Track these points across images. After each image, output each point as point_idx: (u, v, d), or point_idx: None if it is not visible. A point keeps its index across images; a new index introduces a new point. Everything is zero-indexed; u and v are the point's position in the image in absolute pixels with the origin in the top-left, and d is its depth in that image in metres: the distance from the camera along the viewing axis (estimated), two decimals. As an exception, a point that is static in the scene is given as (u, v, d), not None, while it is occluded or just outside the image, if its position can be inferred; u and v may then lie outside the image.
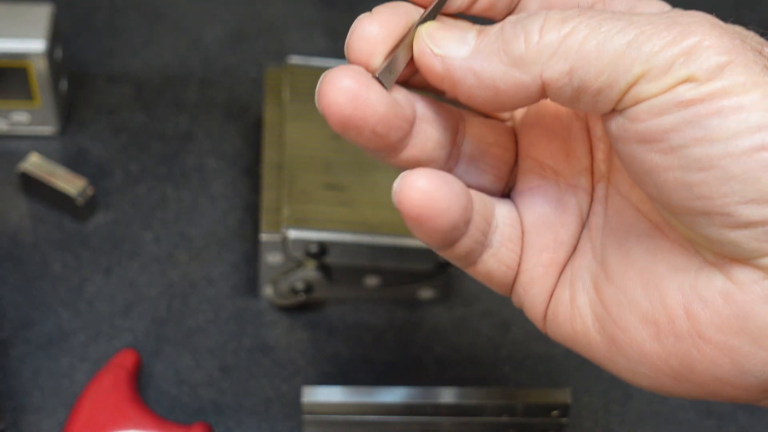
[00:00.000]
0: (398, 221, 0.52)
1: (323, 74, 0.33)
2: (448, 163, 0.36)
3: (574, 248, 0.36)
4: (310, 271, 0.54)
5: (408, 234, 0.52)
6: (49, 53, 0.58)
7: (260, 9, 0.71)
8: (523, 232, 0.36)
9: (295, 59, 0.60)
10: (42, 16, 0.58)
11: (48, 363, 0.53)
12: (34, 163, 0.58)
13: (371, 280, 0.55)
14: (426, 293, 0.56)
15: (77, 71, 0.65)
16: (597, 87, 0.30)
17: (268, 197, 0.54)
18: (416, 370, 0.54)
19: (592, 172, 0.36)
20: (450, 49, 0.32)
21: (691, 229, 0.31)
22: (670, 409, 0.53)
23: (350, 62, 0.33)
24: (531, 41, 0.31)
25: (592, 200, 0.36)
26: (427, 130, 0.34)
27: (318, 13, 0.71)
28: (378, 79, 0.32)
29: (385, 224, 0.52)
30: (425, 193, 0.33)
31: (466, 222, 0.34)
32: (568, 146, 0.36)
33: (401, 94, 0.33)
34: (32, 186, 0.58)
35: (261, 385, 0.53)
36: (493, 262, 0.36)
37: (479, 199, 0.35)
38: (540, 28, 0.31)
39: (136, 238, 0.58)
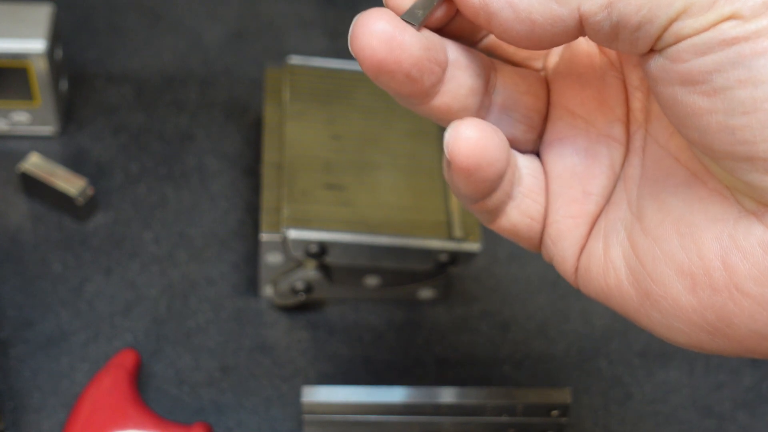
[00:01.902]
0: (398, 221, 0.52)
1: (356, 17, 0.31)
2: (480, 111, 0.35)
3: (606, 200, 0.35)
4: (310, 271, 0.54)
5: (408, 234, 0.52)
6: (49, 53, 0.58)
7: (260, 9, 0.71)
8: (547, 183, 0.36)
9: (295, 59, 0.60)
10: (42, 16, 0.58)
11: (48, 363, 0.53)
12: (34, 163, 0.58)
13: (371, 280, 0.55)
14: (426, 293, 0.56)
15: (77, 71, 0.65)
16: (636, 22, 0.29)
17: (268, 197, 0.54)
18: (416, 370, 0.54)
19: (628, 122, 0.35)
20: None
21: (732, 175, 0.30)
22: (670, 409, 0.53)
23: (388, 3, 0.32)
24: None
25: (627, 151, 0.35)
26: (460, 77, 0.34)
27: (318, 13, 0.71)
28: (407, 21, 0.32)
29: (385, 224, 0.52)
30: (478, 142, 0.32)
31: (505, 172, 0.34)
32: (601, 95, 0.35)
33: (433, 38, 0.33)
34: (32, 186, 0.58)
35: (261, 385, 0.53)
36: (517, 215, 0.36)
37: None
38: None
39: (136, 238, 0.58)
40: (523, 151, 0.37)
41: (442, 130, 0.57)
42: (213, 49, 0.68)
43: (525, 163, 0.36)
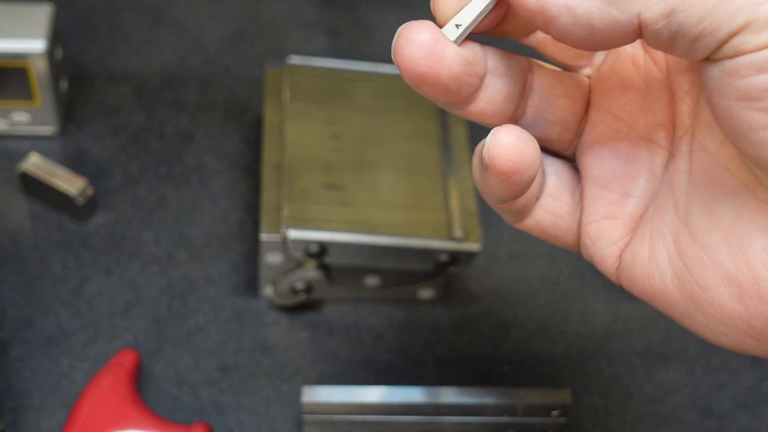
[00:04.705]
0: (398, 221, 0.52)
1: (400, 28, 0.32)
2: (516, 114, 0.36)
3: (647, 203, 0.36)
4: (310, 271, 0.54)
5: (408, 234, 0.52)
6: (49, 53, 0.58)
7: (260, 9, 0.71)
8: (584, 184, 0.37)
9: (295, 59, 0.60)
10: (42, 16, 0.58)
11: (48, 363, 0.53)
12: (34, 163, 0.58)
13: (371, 280, 0.55)
14: (426, 293, 0.56)
15: (77, 71, 0.65)
16: (696, 33, 0.29)
17: (268, 197, 0.54)
18: (416, 370, 0.54)
19: (672, 127, 0.35)
20: None
21: None
22: (670, 409, 0.53)
23: (436, 11, 0.33)
24: None
25: (671, 156, 0.35)
26: (497, 84, 0.34)
27: (318, 13, 0.71)
28: (449, 35, 0.32)
29: (385, 224, 0.52)
30: (517, 147, 0.33)
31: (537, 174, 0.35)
32: (644, 99, 0.35)
33: (474, 50, 0.33)
34: (32, 186, 0.58)
35: (261, 385, 0.53)
36: (542, 213, 0.37)
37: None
38: None
39: (136, 238, 0.58)
40: (557, 151, 0.37)
41: (442, 130, 0.57)
42: (213, 49, 0.68)
43: (548, 162, 0.37)
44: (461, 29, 0.33)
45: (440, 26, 0.33)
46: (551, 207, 0.37)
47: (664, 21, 0.29)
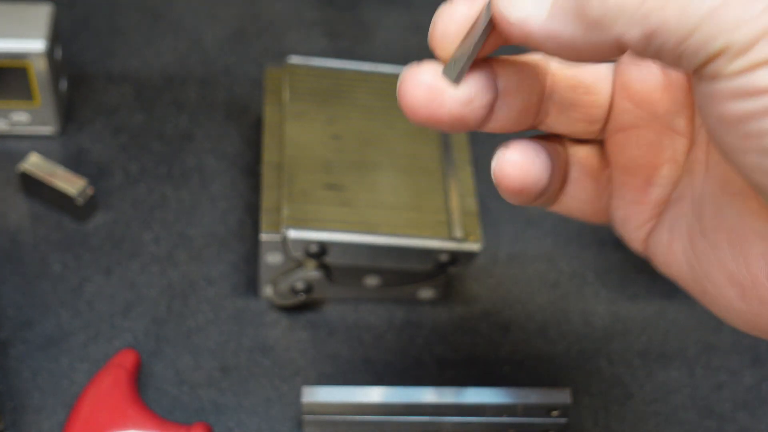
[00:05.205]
0: (398, 221, 0.52)
1: (402, 74, 0.33)
2: (537, 119, 0.36)
3: (671, 189, 0.36)
4: (310, 271, 0.54)
5: (408, 234, 0.52)
6: (49, 53, 0.58)
7: (260, 9, 0.71)
8: (611, 170, 0.37)
9: (295, 59, 0.59)
10: (42, 16, 0.58)
11: (48, 363, 0.53)
12: (33, 163, 0.58)
13: (371, 280, 0.55)
14: (426, 293, 0.56)
15: (77, 71, 0.65)
16: (677, 54, 0.29)
17: (268, 197, 0.54)
18: (416, 370, 0.54)
19: (693, 114, 0.35)
20: (527, 11, 0.30)
21: None
22: (670, 409, 0.53)
23: (434, 50, 0.34)
24: (607, 2, 0.29)
25: (691, 144, 0.35)
26: (511, 103, 0.35)
27: (318, 13, 0.71)
28: (448, 76, 0.33)
29: (385, 224, 0.52)
30: (523, 166, 0.34)
31: (550, 184, 0.36)
32: (665, 88, 0.35)
33: (477, 84, 0.33)
34: (32, 186, 0.58)
35: (261, 385, 0.53)
36: (567, 199, 0.37)
37: (557, 150, 0.36)
38: None
39: (136, 238, 0.58)
40: (585, 139, 0.38)
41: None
42: (213, 49, 0.68)
43: (572, 152, 0.37)
44: (459, 67, 0.32)
45: (443, 62, 0.33)
46: (576, 194, 0.37)
47: (644, 42, 0.29)
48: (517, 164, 0.34)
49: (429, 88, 0.33)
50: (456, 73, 0.33)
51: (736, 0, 0.27)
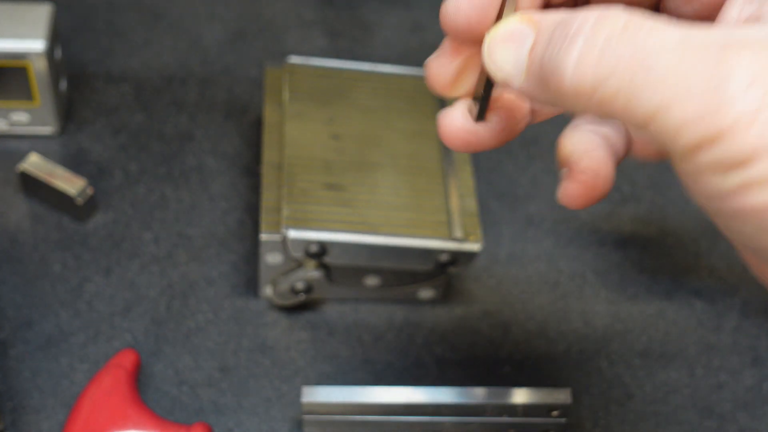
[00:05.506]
0: (398, 221, 0.52)
1: (438, 115, 0.36)
2: None
3: None
4: (310, 271, 0.54)
5: (408, 234, 0.52)
6: (49, 53, 0.58)
7: (260, 9, 0.71)
8: None
9: (295, 59, 0.59)
10: (42, 16, 0.58)
11: (47, 363, 0.53)
12: (33, 163, 0.58)
13: (371, 280, 0.55)
14: (426, 293, 0.56)
15: (77, 71, 0.65)
16: (636, 128, 0.30)
17: (268, 197, 0.54)
18: (416, 370, 0.54)
19: None
20: (507, 72, 0.33)
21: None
22: (670, 409, 0.53)
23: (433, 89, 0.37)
24: (564, 83, 0.30)
25: None
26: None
27: (318, 13, 0.71)
28: (473, 113, 0.36)
29: (385, 224, 0.52)
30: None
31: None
32: None
33: (507, 114, 0.36)
34: (32, 186, 0.58)
35: (261, 385, 0.53)
36: None
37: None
38: (574, 67, 0.30)
39: (135, 238, 0.58)
40: None
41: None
42: (213, 49, 0.68)
43: None
44: (477, 106, 0.36)
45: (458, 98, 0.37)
46: None
47: (606, 114, 0.31)
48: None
49: (462, 131, 0.36)
50: (477, 113, 0.36)
51: (676, 105, 0.28)
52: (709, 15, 0.35)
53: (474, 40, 0.35)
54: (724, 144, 0.28)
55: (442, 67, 0.36)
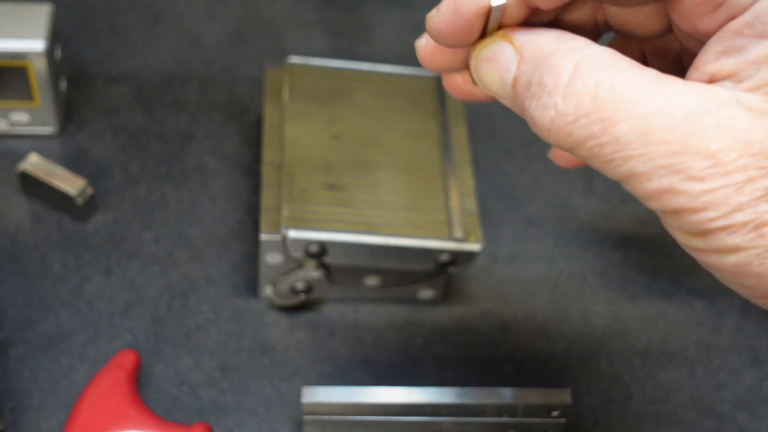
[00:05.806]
0: (398, 221, 0.52)
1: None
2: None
3: None
4: (310, 271, 0.54)
5: (408, 234, 0.52)
6: (49, 53, 0.58)
7: (260, 9, 0.71)
8: None
9: (295, 59, 0.59)
10: (42, 16, 0.58)
11: (48, 363, 0.53)
12: (33, 163, 0.58)
13: (371, 280, 0.55)
14: (426, 293, 0.56)
15: (77, 71, 0.65)
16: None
17: (268, 197, 0.54)
18: (416, 370, 0.54)
19: None
20: (494, 90, 0.33)
21: None
22: (670, 409, 0.53)
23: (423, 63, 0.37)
24: (544, 135, 0.31)
25: None
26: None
27: (318, 13, 0.71)
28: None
29: (385, 224, 0.52)
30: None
31: None
32: None
33: None
34: (32, 186, 0.58)
35: (261, 385, 0.53)
36: None
37: None
38: (549, 126, 0.31)
39: (136, 238, 0.58)
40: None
41: (442, 130, 0.57)
42: (213, 49, 0.68)
43: None
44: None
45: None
46: None
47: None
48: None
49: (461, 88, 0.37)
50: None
51: (640, 179, 0.30)
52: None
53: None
54: (684, 218, 0.30)
55: (432, 55, 0.36)
